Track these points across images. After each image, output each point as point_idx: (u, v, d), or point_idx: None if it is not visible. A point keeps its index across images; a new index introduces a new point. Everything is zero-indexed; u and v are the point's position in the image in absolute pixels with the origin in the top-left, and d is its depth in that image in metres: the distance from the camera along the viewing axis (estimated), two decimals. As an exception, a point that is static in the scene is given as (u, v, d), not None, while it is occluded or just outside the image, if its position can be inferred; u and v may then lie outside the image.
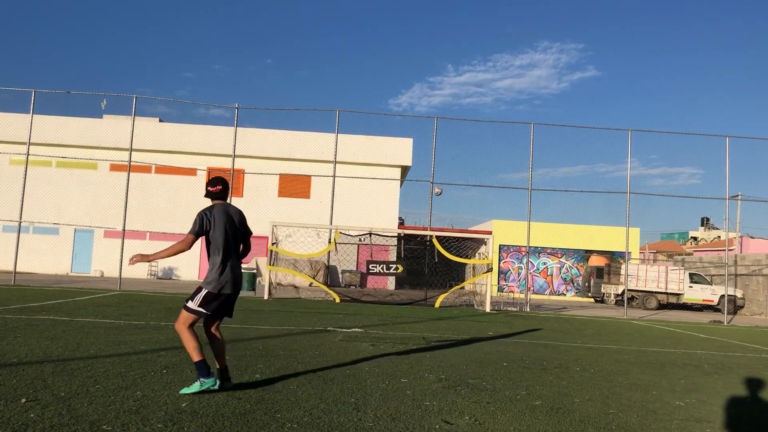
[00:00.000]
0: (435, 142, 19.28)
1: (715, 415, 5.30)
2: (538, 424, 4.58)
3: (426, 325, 11.86)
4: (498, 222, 30.41)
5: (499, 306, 19.23)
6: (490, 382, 6.10)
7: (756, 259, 25.36)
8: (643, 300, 24.61)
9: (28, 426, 3.75)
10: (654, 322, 17.30)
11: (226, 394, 4.89)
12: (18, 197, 20.85)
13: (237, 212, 5.11)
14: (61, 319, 9.38)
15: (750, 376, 7.64)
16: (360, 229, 18.93)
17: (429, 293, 18.84)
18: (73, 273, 26.67)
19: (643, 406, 5.44)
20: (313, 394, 5.09)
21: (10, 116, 26.46)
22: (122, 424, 3.90)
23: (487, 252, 18.57)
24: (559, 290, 31.03)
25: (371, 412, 4.62)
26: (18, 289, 15.37)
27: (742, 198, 28.42)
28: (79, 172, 27.13)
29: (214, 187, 4.99)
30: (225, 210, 4.97)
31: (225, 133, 26.33)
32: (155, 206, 26.96)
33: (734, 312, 24.27)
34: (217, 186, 5.00)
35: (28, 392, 4.59)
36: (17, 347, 6.56)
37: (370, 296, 19.39)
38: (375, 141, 27.87)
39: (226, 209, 4.99)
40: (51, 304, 11.79)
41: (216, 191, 4.99)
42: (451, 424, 4.40)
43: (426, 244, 19.05)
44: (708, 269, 28.52)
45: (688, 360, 8.90)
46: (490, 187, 19.98)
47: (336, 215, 21.83)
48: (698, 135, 20.52)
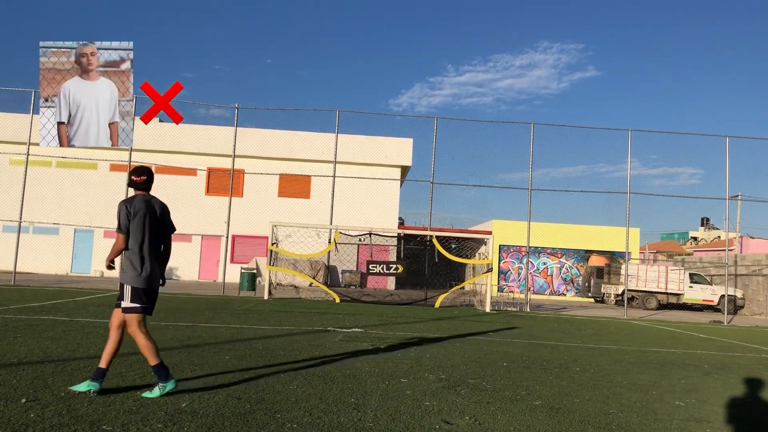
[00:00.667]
0: (435, 142, 19.29)
1: (715, 415, 5.30)
2: (538, 424, 4.58)
3: (426, 325, 11.86)
4: (498, 222, 30.41)
5: (499, 306, 19.23)
6: (490, 382, 6.10)
7: (756, 259, 25.35)
8: (643, 300, 24.60)
9: (28, 426, 3.75)
10: (654, 322, 17.30)
11: (226, 394, 4.89)
12: (18, 197, 20.85)
13: (160, 205, 4.94)
14: (61, 319, 9.38)
15: (750, 376, 7.64)
16: (360, 229, 18.92)
17: (429, 293, 18.84)
18: (73, 273, 26.67)
19: (643, 406, 5.44)
20: (313, 394, 5.09)
21: (10, 116, 26.46)
22: (122, 424, 3.90)
23: (487, 252, 18.57)
24: (559, 290, 31.02)
25: (371, 412, 4.62)
26: (18, 289, 15.37)
27: (742, 198, 28.43)
28: (79, 172, 27.12)
29: (138, 176, 4.83)
30: (146, 201, 4.82)
31: (225, 133, 26.31)
32: (155, 206, 26.92)
33: (734, 312, 24.26)
34: (142, 176, 4.83)
35: (28, 392, 4.59)
36: (17, 347, 6.56)
37: (370, 296, 19.39)
38: (375, 141, 27.87)
39: (149, 200, 4.84)
40: (51, 304, 11.79)
41: (140, 181, 4.83)
42: (451, 424, 4.40)
43: (426, 244, 19.05)
44: (708, 269, 28.52)
45: (688, 360, 8.89)
46: (490, 187, 20.00)
47: (336, 215, 21.83)
48: (698, 135, 20.54)
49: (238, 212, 25.49)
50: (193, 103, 46.90)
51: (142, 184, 4.85)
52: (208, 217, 27.02)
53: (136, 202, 4.76)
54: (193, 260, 27.20)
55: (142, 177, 4.84)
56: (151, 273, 4.74)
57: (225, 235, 18.73)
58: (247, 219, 26.68)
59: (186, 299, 15.22)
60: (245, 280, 18.95)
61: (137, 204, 4.74)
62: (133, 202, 4.74)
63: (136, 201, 4.76)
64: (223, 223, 19.81)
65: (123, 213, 4.68)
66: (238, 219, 25.61)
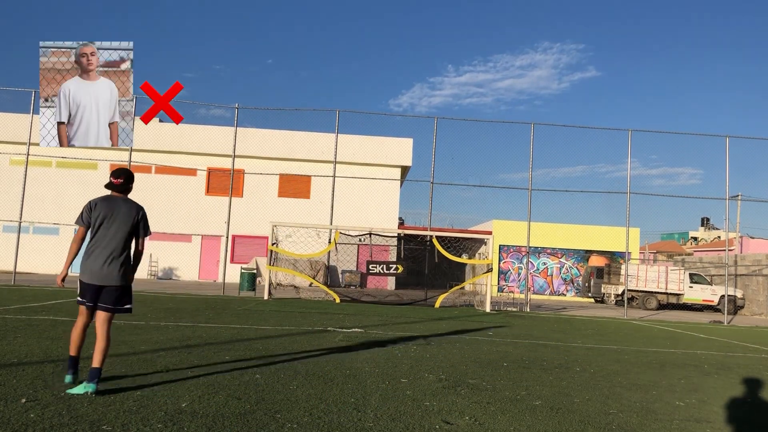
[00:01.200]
0: (435, 142, 19.28)
1: (715, 415, 5.30)
2: (538, 424, 4.58)
3: (426, 325, 11.86)
4: (498, 222, 30.41)
5: (499, 306, 19.23)
6: (490, 382, 6.10)
7: (756, 259, 25.35)
8: (643, 300, 24.60)
9: (28, 426, 3.75)
10: (654, 322, 17.30)
11: (226, 394, 4.89)
12: (18, 197, 20.83)
13: (130, 208, 4.94)
14: (61, 319, 9.38)
15: (750, 376, 7.64)
16: (360, 229, 18.91)
17: (429, 293, 18.83)
18: (73, 273, 26.63)
19: (643, 406, 5.44)
20: (313, 394, 5.09)
21: (10, 116, 26.46)
22: (122, 424, 3.90)
23: (487, 252, 18.57)
24: (559, 290, 31.02)
25: (371, 412, 4.62)
26: (18, 289, 15.37)
27: (742, 198, 28.45)
28: (79, 172, 27.13)
29: (116, 178, 4.95)
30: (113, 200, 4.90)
31: (225, 133, 26.29)
32: (155, 206, 26.91)
33: (734, 312, 24.26)
34: (119, 178, 4.94)
35: (28, 392, 4.59)
36: (17, 347, 6.56)
37: (370, 296, 19.39)
38: (375, 141, 27.88)
39: (116, 201, 4.91)
40: (51, 304, 11.79)
41: (117, 183, 4.94)
42: (451, 425, 4.40)
43: (426, 244, 19.05)
44: (708, 269, 28.52)
45: (688, 360, 8.89)
46: (491, 187, 19.98)
47: (336, 215, 21.81)
48: (698, 135, 20.55)
49: (238, 212, 25.48)
50: (193, 103, 46.93)
51: (118, 186, 4.95)
52: (208, 217, 27.02)
53: (100, 200, 4.88)
54: (193, 260, 27.20)
55: (119, 180, 4.94)
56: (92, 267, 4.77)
57: (225, 235, 18.72)
58: (247, 219, 26.67)
59: (186, 299, 15.22)
60: (245, 281, 18.95)
61: (100, 202, 4.86)
62: (97, 201, 4.86)
63: (100, 199, 4.88)
64: (223, 223, 19.80)
65: (84, 210, 4.81)
66: (238, 219, 25.59)
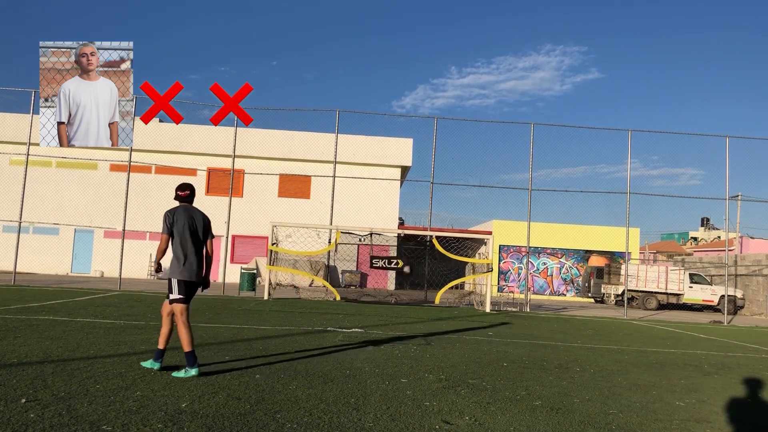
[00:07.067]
0: (435, 142, 19.29)
1: (715, 415, 5.30)
2: (538, 424, 4.58)
3: (426, 325, 11.86)
4: (498, 222, 30.40)
5: (499, 306, 19.22)
6: (490, 382, 6.10)
7: (756, 259, 25.35)
8: (643, 300, 24.59)
9: (28, 426, 3.75)
10: (654, 322, 17.29)
11: (226, 394, 4.89)
12: (18, 197, 20.83)
13: (200, 215, 5.85)
14: (61, 320, 9.38)
15: (750, 376, 7.64)
16: (360, 230, 18.91)
17: (429, 294, 18.83)
18: (73, 273, 26.65)
19: (643, 407, 5.44)
20: (313, 394, 5.09)
21: (10, 116, 26.45)
22: (122, 424, 3.90)
23: (487, 252, 18.56)
24: (559, 290, 31.02)
25: (371, 412, 4.62)
26: (18, 289, 15.37)
27: (742, 198, 28.44)
28: (79, 172, 27.12)
29: (182, 191, 5.84)
30: (186, 210, 5.73)
31: (225, 133, 26.28)
32: (155, 206, 26.92)
33: (734, 312, 24.25)
34: (186, 191, 5.85)
35: (28, 392, 4.59)
36: (17, 347, 6.56)
37: (370, 296, 19.39)
38: (375, 141, 27.87)
39: (188, 210, 5.75)
40: (51, 305, 11.79)
41: (184, 195, 5.83)
42: (451, 425, 4.40)
43: (426, 244, 19.05)
44: (708, 269, 28.51)
45: (688, 360, 8.89)
46: (491, 188, 19.98)
47: (336, 215, 21.81)
48: (698, 135, 20.55)
49: (238, 212, 25.47)
50: (193, 103, 46.88)
51: (186, 197, 5.86)
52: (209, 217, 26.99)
53: (177, 211, 5.71)
54: (193, 260, 27.16)
55: (186, 192, 5.87)
56: (190, 267, 5.59)
57: (225, 235, 18.72)
58: (247, 219, 26.66)
59: (186, 299, 15.19)
60: (245, 281, 18.94)
61: (178, 213, 5.69)
62: (175, 212, 5.70)
63: (177, 210, 5.72)
64: (223, 223, 19.79)
65: (166, 220, 5.63)
66: (238, 219, 25.59)
